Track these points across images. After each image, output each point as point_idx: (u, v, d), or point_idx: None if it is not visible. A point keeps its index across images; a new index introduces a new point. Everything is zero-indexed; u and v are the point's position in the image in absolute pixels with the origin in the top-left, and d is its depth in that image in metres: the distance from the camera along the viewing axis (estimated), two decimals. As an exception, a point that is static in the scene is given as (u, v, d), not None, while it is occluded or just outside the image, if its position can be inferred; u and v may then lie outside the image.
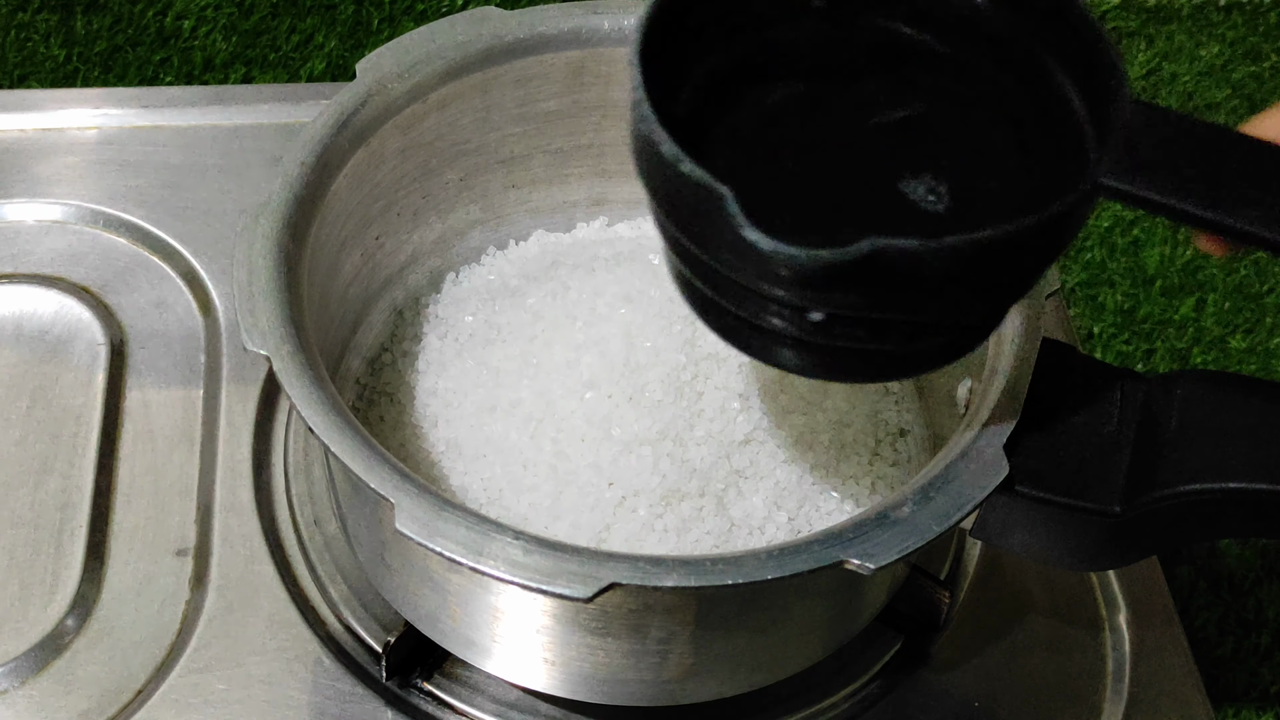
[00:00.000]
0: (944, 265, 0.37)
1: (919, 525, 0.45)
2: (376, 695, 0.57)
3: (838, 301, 0.38)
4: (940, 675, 0.59)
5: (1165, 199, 0.38)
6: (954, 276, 0.37)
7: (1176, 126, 0.39)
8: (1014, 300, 0.43)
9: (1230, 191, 0.38)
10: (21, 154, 0.75)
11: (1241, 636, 0.72)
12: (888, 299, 0.38)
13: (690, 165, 0.37)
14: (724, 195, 0.37)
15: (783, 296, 0.38)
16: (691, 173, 0.37)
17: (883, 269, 0.36)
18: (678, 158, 0.37)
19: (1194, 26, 1.00)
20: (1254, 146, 0.39)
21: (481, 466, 0.56)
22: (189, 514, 0.62)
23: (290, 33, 0.96)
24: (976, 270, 0.38)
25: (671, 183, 0.38)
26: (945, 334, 0.42)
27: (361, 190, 0.57)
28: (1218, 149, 0.39)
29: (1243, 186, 0.39)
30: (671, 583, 0.43)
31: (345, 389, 0.61)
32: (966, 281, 0.38)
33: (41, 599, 0.59)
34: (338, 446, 0.46)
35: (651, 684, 0.52)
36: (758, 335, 0.42)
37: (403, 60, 0.57)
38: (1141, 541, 0.49)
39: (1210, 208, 0.38)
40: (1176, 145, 0.39)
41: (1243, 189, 0.39)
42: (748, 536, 0.54)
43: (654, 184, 0.40)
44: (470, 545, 0.44)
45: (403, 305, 0.64)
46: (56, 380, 0.66)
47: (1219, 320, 0.85)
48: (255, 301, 0.49)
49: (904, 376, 0.44)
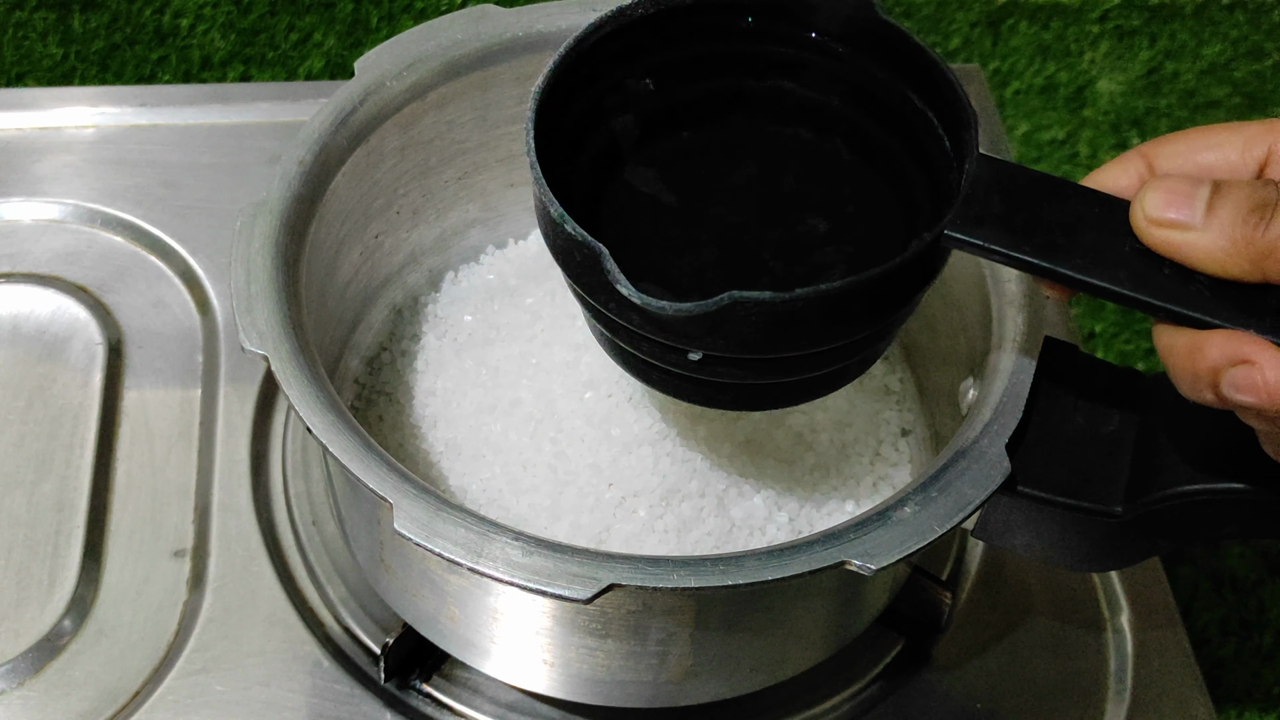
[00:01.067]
0: (797, 314, 0.41)
1: (920, 526, 0.45)
2: (375, 696, 0.57)
3: (708, 345, 0.42)
4: (942, 676, 0.59)
5: (1003, 249, 0.41)
6: (808, 323, 0.41)
7: (1017, 180, 0.42)
8: (879, 338, 0.46)
9: (1062, 240, 0.41)
10: (19, 153, 0.75)
11: (1244, 637, 0.72)
12: (751, 343, 0.42)
13: (573, 225, 0.42)
14: (600, 252, 0.41)
15: (663, 340, 0.43)
16: (575, 232, 0.42)
17: (741, 319, 0.40)
18: (562, 218, 0.42)
19: (1196, 25, 1.00)
20: (1088, 198, 0.42)
21: (480, 467, 0.56)
22: (187, 514, 0.62)
23: (289, 31, 0.96)
24: (829, 318, 0.42)
25: (560, 239, 0.43)
26: (821, 367, 0.45)
27: (360, 189, 0.57)
28: (1054, 201, 0.42)
29: (1073, 236, 0.41)
30: (671, 584, 0.43)
31: (344, 389, 0.60)
32: (822, 327, 0.42)
33: (39, 600, 0.59)
34: (336, 447, 0.46)
35: (651, 685, 0.52)
36: (655, 371, 0.46)
37: (401, 58, 0.57)
38: (1144, 542, 0.49)
39: (1045, 257, 0.41)
40: (1017, 198, 0.42)
41: (1073, 239, 0.41)
42: (748, 537, 0.54)
43: (549, 241, 0.44)
44: (469, 546, 0.44)
45: (402, 304, 0.63)
46: (54, 380, 0.66)
47: (1221, 319, 0.85)
48: (253, 301, 0.49)
49: (790, 405, 0.50)
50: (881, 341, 0.47)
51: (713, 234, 0.46)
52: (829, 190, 0.47)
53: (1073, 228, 0.41)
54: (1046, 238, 0.41)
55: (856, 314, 0.43)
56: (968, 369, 0.55)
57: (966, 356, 0.55)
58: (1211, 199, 0.39)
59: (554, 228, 0.43)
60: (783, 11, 0.47)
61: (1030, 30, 0.99)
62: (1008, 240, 0.41)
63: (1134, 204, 0.40)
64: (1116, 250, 0.41)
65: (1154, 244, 0.40)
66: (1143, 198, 0.40)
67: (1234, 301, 0.39)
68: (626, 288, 0.41)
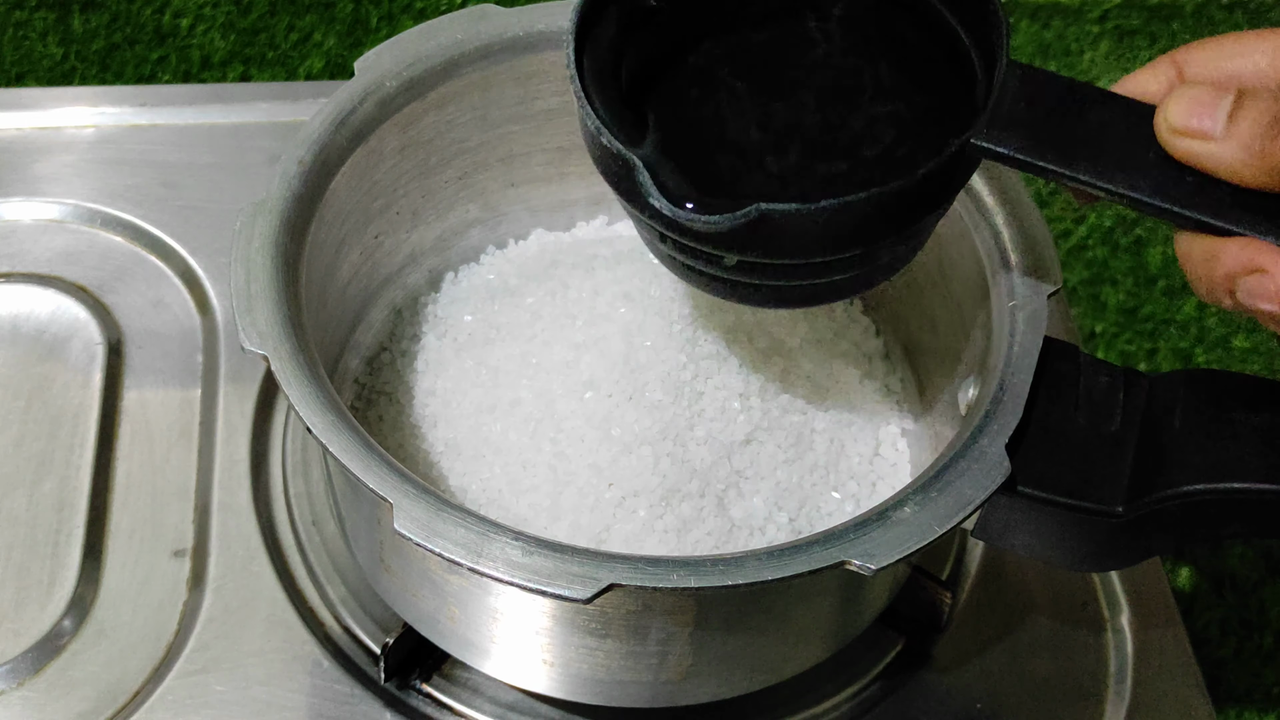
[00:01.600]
0: (825, 224, 0.42)
1: (920, 526, 0.45)
2: (375, 696, 0.57)
3: (741, 251, 0.43)
4: (942, 676, 0.59)
5: (1026, 157, 0.42)
6: (836, 232, 0.42)
7: (1046, 87, 0.43)
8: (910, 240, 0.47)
9: (1086, 148, 0.42)
10: (18, 153, 0.75)
11: (1244, 637, 0.72)
12: (783, 249, 0.43)
13: (608, 137, 0.43)
14: (635, 164, 0.42)
15: (698, 247, 0.44)
16: (610, 144, 0.43)
17: (770, 228, 0.41)
18: (599, 129, 0.43)
19: (1196, 24, 1.00)
20: (1116, 104, 0.42)
21: (480, 467, 0.56)
22: (187, 514, 0.62)
23: (288, 31, 0.96)
24: (856, 226, 0.42)
25: (600, 151, 0.44)
26: (852, 269, 0.46)
27: (360, 189, 0.57)
28: (1082, 108, 0.42)
29: (1098, 143, 0.42)
30: (671, 584, 0.43)
31: (343, 389, 0.60)
32: (850, 235, 0.43)
33: (38, 600, 0.59)
34: (336, 447, 0.46)
35: (651, 685, 0.52)
36: (694, 273, 0.47)
37: (401, 58, 0.57)
38: (1144, 542, 0.49)
39: (1067, 165, 0.42)
40: (1044, 106, 0.42)
41: (1098, 146, 0.42)
42: (748, 537, 0.54)
43: (591, 153, 0.45)
44: (469, 546, 0.44)
45: (401, 304, 0.63)
46: (53, 380, 0.66)
47: (1222, 320, 0.85)
48: (253, 301, 0.49)
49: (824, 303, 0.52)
50: (913, 243, 0.47)
51: (749, 139, 0.46)
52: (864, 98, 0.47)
53: (1098, 135, 0.42)
54: (1070, 145, 0.41)
55: (882, 223, 0.43)
56: (968, 369, 0.55)
57: (966, 356, 0.55)
58: (1233, 109, 0.39)
59: (591, 139, 0.44)
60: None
61: (1031, 29, 0.99)
62: (1032, 148, 0.42)
63: (1158, 112, 0.41)
64: (1139, 157, 0.41)
65: (1176, 153, 0.40)
66: (1166, 106, 0.40)
67: (1254, 210, 0.40)
68: (658, 200, 0.42)
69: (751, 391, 0.56)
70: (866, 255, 0.45)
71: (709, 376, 0.56)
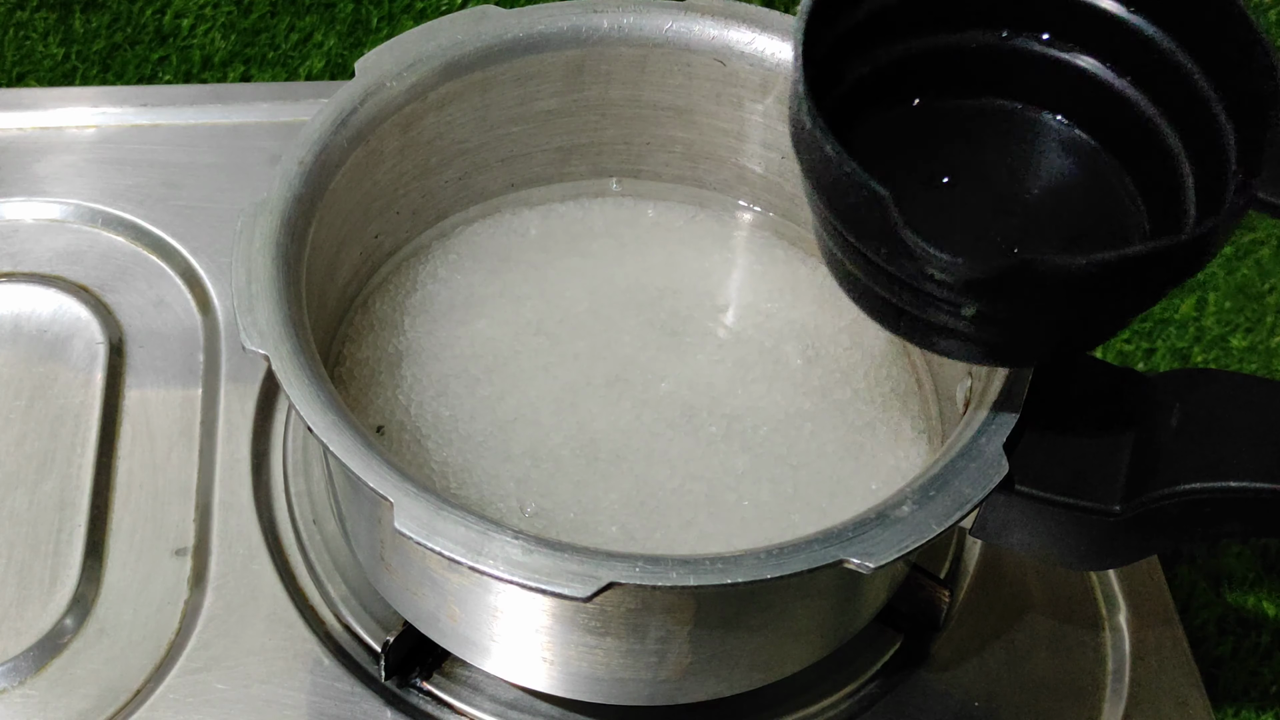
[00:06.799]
0: (1091, 279, 0.39)
1: (918, 524, 0.45)
2: (375, 695, 0.57)
3: (988, 300, 0.41)
4: (940, 675, 0.59)
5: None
6: (1098, 288, 0.40)
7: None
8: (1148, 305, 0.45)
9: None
10: (20, 153, 0.75)
11: (1241, 636, 0.72)
12: (1032, 303, 0.41)
13: (853, 166, 0.40)
14: (885, 199, 0.40)
15: (934, 293, 0.42)
16: (855, 174, 0.40)
17: (1031, 280, 0.40)
18: (841, 157, 0.40)
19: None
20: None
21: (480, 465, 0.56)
22: (188, 513, 0.62)
23: (289, 31, 0.96)
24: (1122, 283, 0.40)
25: (831, 177, 0.41)
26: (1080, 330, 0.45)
27: (360, 189, 0.57)
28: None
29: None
30: (670, 582, 0.43)
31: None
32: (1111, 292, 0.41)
33: (40, 598, 0.59)
34: (336, 445, 0.46)
35: (650, 683, 0.52)
36: (905, 318, 0.45)
37: (402, 59, 0.57)
38: (1141, 540, 0.49)
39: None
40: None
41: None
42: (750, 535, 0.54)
43: (813, 175, 0.43)
44: (469, 544, 0.44)
45: (401, 304, 0.63)
46: (55, 379, 0.66)
47: (1220, 319, 0.85)
48: (254, 300, 0.49)
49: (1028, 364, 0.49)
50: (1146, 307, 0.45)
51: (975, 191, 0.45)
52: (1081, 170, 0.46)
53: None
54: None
55: (1141, 283, 0.41)
56: (967, 368, 0.55)
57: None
58: None
59: (827, 165, 0.41)
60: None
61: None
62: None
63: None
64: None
65: None
66: None
67: None
68: (912, 239, 0.40)
69: (753, 391, 0.56)
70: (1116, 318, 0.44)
71: (710, 376, 0.56)
